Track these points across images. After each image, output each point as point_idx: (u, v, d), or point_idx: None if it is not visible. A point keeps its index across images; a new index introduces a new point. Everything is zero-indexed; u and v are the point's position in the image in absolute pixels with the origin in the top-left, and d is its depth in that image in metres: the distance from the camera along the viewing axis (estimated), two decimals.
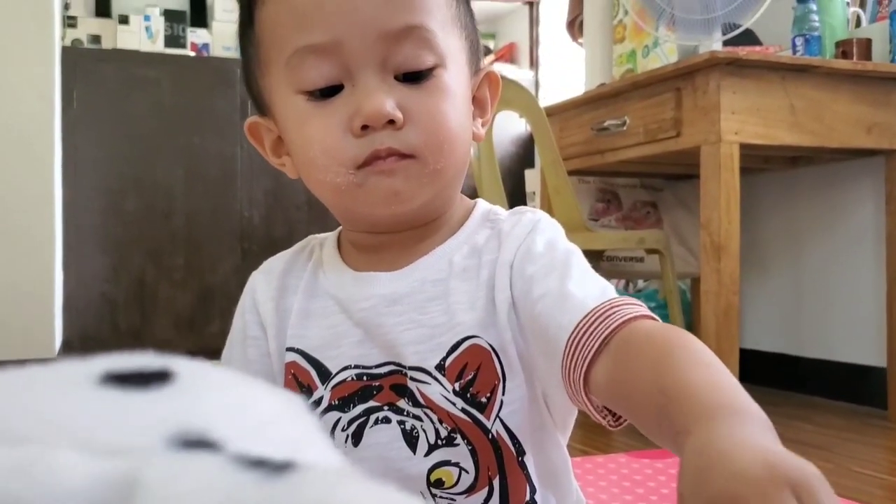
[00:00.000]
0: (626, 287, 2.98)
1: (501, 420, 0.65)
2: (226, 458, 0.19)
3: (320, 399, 0.68)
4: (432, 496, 0.65)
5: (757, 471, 0.34)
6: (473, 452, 0.65)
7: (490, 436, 0.65)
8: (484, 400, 0.64)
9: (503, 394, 0.64)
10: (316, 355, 0.69)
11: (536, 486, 0.67)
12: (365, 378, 0.67)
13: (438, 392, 0.64)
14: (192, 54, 3.91)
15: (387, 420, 0.66)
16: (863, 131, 2.03)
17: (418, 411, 0.65)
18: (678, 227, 2.66)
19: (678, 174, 2.61)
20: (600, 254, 2.32)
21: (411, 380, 0.65)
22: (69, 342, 3.27)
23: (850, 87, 2.01)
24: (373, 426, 0.66)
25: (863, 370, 2.35)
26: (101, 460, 0.19)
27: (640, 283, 2.95)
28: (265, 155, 0.72)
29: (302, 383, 0.69)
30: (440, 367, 0.64)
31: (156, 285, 3.46)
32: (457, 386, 0.64)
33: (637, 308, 0.57)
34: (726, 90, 1.89)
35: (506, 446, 0.65)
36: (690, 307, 2.73)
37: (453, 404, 0.64)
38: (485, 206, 0.72)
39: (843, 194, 2.43)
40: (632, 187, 2.67)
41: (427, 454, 0.65)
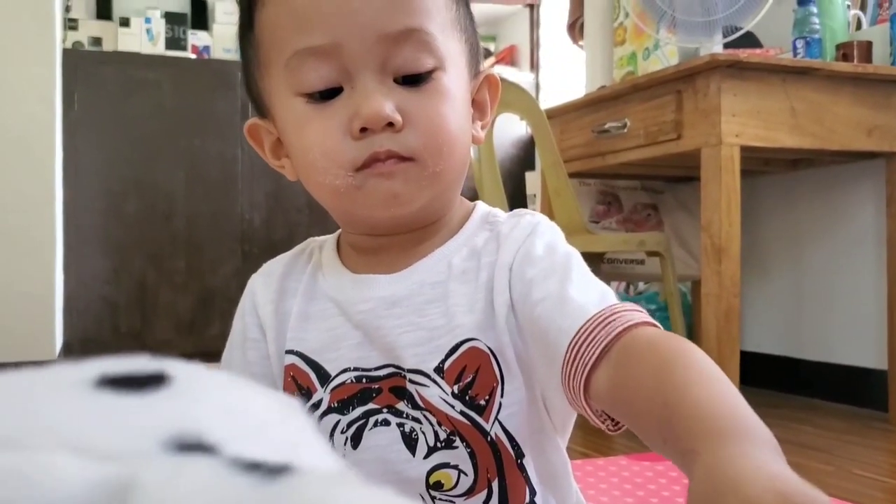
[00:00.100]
0: (626, 289, 2.97)
1: (500, 423, 0.64)
2: (222, 462, 0.19)
3: (319, 401, 0.68)
4: (431, 498, 0.65)
5: (768, 499, 0.34)
6: (472, 455, 0.64)
7: (489, 438, 0.64)
8: (483, 402, 0.64)
9: (502, 396, 0.64)
10: (315, 358, 0.69)
11: (536, 489, 0.67)
12: (364, 380, 0.67)
13: (437, 394, 0.64)
14: (193, 56, 3.92)
15: (386, 422, 0.66)
16: (863, 134, 2.03)
17: (417, 414, 0.65)
18: (679, 229, 2.66)
19: (679, 176, 2.61)
20: (601, 256, 2.32)
21: (410, 382, 0.65)
22: (69, 344, 3.27)
23: (851, 90, 2.01)
24: (372, 428, 0.66)
25: (863, 372, 2.35)
26: (97, 464, 0.19)
27: (640, 285, 2.95)
28: (265, 157, 0.72)
29: (301, 386, 0.69)
30: (439, 369, 0.64)
31: (156, 287, 3.46)
32: (455, 388, 0.64)
33: (638, 314, 0.57)
34: (727, 92, 1.89)
35: (504, 449, 0.65)
36: (691, 309, 2.73)
37: (452, 407, 0.64)
38: (484, 209, 0.72)
39: (843, 197, 2.43)
40: (632, 189, 2.67)
41: (426, 456, 0.65)
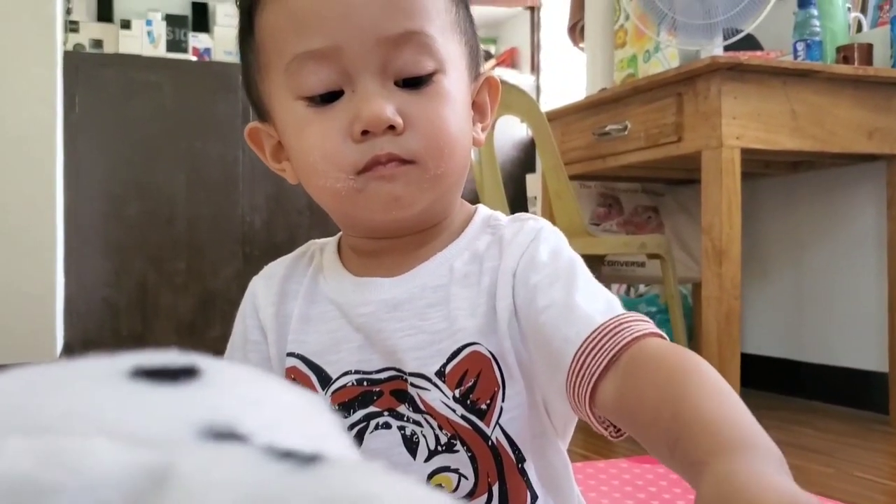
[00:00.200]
0: (627, 292, 2.97)
1: (501, 427, 0.64)
2: (256, 450, 0.20)
3: None
4: None
5: None
6: (473, 459, 0.64)
7: (490, 442, 0.64)
8: (484, 407, 0.64)
9: (503, 401, 0.64)
10: (316, 360, 0.69)
11: (537, 492, 0.67)
12: (365, 383, 0.67)
13: (438, 398, 0.64)
14: (194, 59, 3.92)
15: (387, 425, 0.66)
16: (864, 136, 2.03)
17: (418, 417, 0.65)
18: (679, 231, 2.66)
19: (679, 179, 2.61)
20: (601, 258, 2.32)
21: (411, 385, 0.65)
22: (70, 346, 3.27)
23: (852, 92, 2.01)
24: (373, 431, 0.66)
25: (864, 375, 2.35)
26: (135, 450, 0.19)
27: (641, 287, 2.95)
28: (265, 160, 0.72)
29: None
30: (440, 373, 0.64)
31: (157, 290, 3.46)
32: (457, 392, 0.64)
33: (645, 325, 0.57)
34: (727, 95, 1.89)
35: (505, 453, 0.65)
36: (692, 312, 2.73)
37: (453, 411, 0.64)
38: (485, 212, 0.72)
39: (844, 199, 2.43)
40: (633, 192, 2.67)
41: (427, 460, 0.65)
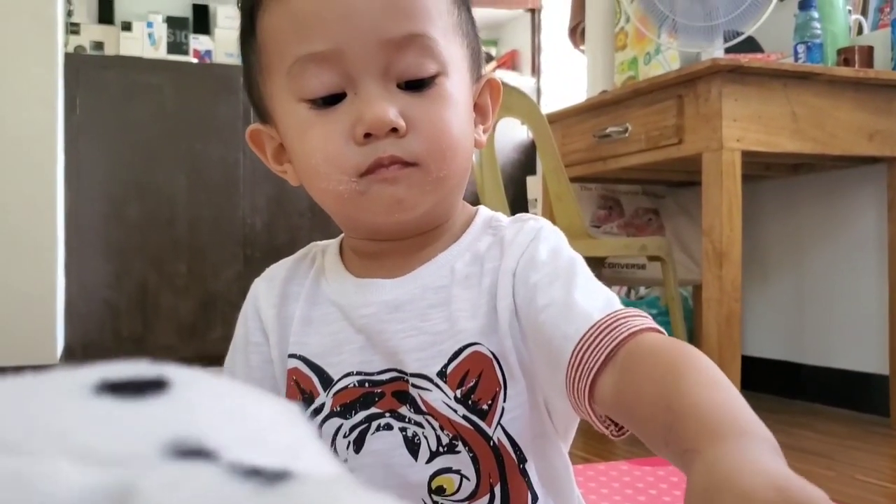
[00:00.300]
0: (627, 294, 2.97)
1: (503, 427, 0.64)
2: (222, 468, 0.19)
3: (322, 406, 0.68)
4: (434, 503, 0.65)
5: (767, 494, 0.34)
6: (475, 460, 0.64)
7: (491, 443, 0.64)
8: (485, 407, 0.64)
9: (504, 401, 0.64)
10: (318, 362, 0.69)
11: (538, 494, 0.67)
12: (367, 385, 0.67)
13: (440, 399, 0.64)
14: (195, 61, 3.92)
15: (388, 427, 0.66)
16: (865, 139, 2.03)
17: (420, 418, 0.65)
18: (680, 234, 2.66)
19: (680, 181, 2.61)
20: (602, 261, 2.32)
21: (413, 387, 0.65)
22: (71, 348, 3.27)
23: (852, 95, 2.01)
24: (374, 433, 0.66)
25: (865, 378, 2.35)
26: (96, 469, 0.19)
27: (641, 290, 2.95)
28: (267, 162, 0.72)
29: (304, 390, 0.69)
30: (442, 374, 0.64)
31: (158, 292, 3.46)
32: (458, 393, 0.64)
33: (643, 320, 0.57)
34: (728, 97, 1.89)
35: (507, 453, 0.65)
36: (692, 314, 2.73)
37: (455, 411, 0.64)
38: (486, 214, 0.72)
39: (845, 202, 2.43)
40: (634, 194, 2.67)
41: (428, 461, 0.65)
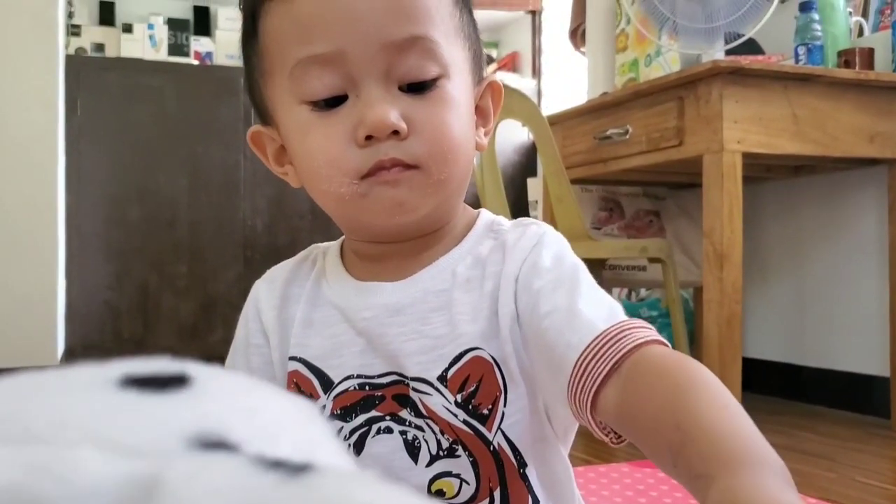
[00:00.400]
0: (628, 296, 2.97)
1: (503, 432, 0.64)
2: (246, 459, 0.20)
3: (322, 408, 0.68)
4: None
5: None
6: (475, 464, 0.64)
7: (491, 447, 0.64)
8: (485, 412, 0.64)
9: (504, 405, 0.64)
10: (318, 364, 0.69)
11: (539, 497, 0.67)
12: (367, 388, 0.67)
13: (440, 403, 0.64)
14: (196, 63, 3.92)
15: (389, 430, 0.66)
16: (865, 140, 2.03)
17: (420, 422, 0.65)
18: (681, 235, 2.66)
19: (681, 183, 2.61)
20: (603, 262, 2.32)
21: (413, 390, 0.65)
22: (72, 350, 3.27)
23: (853, 97, 2.01)
24: (374, 436, 0.66)
25: (866, 379, 2.34)
26: (123, 460, 0.19)
27: (642, 291, 2.95)
28: (268, 164, 0.72)
29: (304, 392, 0.69)
30: (442, 378, 0.64)
31: (159, 293, 3.46)
32: (459, 397, 0.64)
33: (647, 332, 0.57)
34: (729, 99, 1.89)
35: (507, 458, 0.65)
36: (693, 316, 2.73)
37: (455, 416, 0.64)
38: (488, 217, 0.72)
39: (845, 203, 2.43)
40: (634, 196, 2.67)
41: (428, 465, 0.65)
